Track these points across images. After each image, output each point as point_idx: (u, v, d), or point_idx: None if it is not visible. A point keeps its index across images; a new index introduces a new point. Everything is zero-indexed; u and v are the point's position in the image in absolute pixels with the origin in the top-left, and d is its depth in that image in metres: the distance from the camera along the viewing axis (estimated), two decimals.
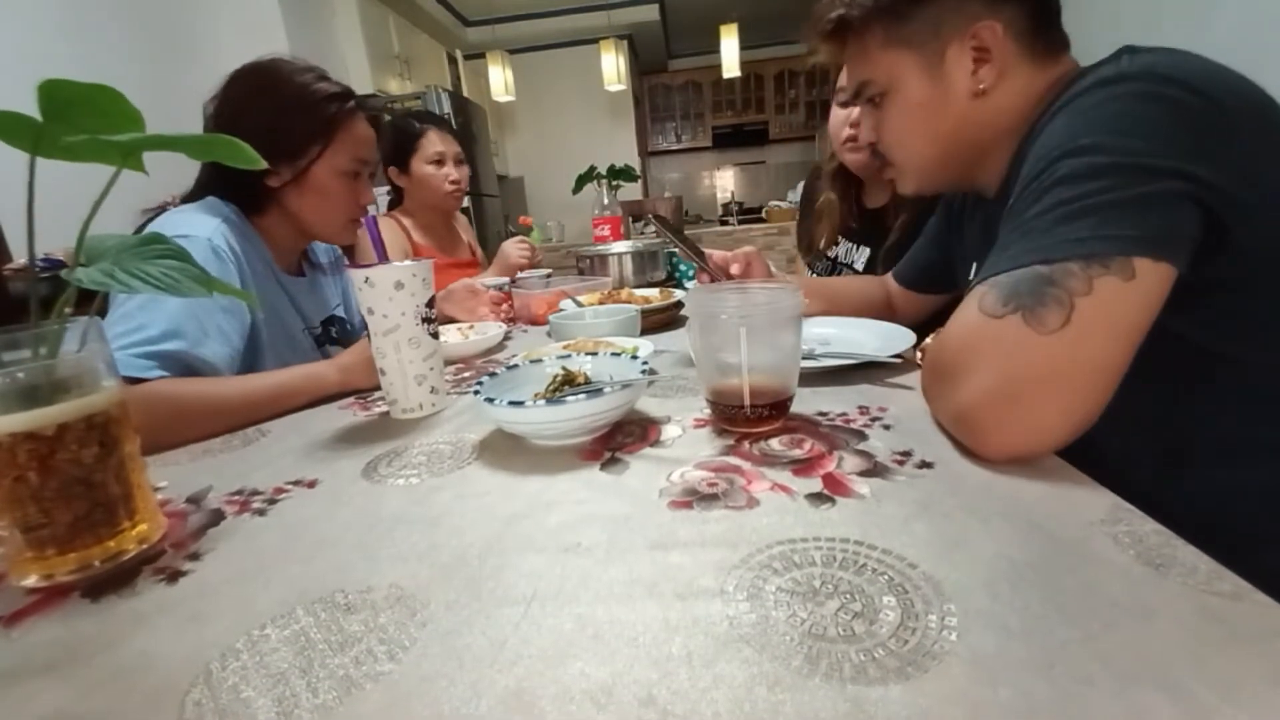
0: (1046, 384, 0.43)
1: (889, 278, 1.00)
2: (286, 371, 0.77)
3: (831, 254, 1.34)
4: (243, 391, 0.71)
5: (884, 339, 0.74)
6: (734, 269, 0.89)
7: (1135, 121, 0.45)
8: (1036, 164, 0.49)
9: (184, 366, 0.70)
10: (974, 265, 0.78)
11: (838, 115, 1.19)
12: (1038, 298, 0.43)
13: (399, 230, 1.58)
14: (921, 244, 0.94)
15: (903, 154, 0.67)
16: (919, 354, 0.78)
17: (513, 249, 1.52)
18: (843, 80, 1.16)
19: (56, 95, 0.34)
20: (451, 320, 1.21)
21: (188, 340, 0.70)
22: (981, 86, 0.59)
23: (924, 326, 0.86)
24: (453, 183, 1.59)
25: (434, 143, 1.57)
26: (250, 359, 0.83)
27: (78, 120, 0.36)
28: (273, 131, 0.84)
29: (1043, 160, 0.48)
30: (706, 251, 0.88)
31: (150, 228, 0.79)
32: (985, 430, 0.44)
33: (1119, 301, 0.42)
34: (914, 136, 0.65)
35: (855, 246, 1.29)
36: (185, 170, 0.91)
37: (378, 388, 0.75)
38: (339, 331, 1.05)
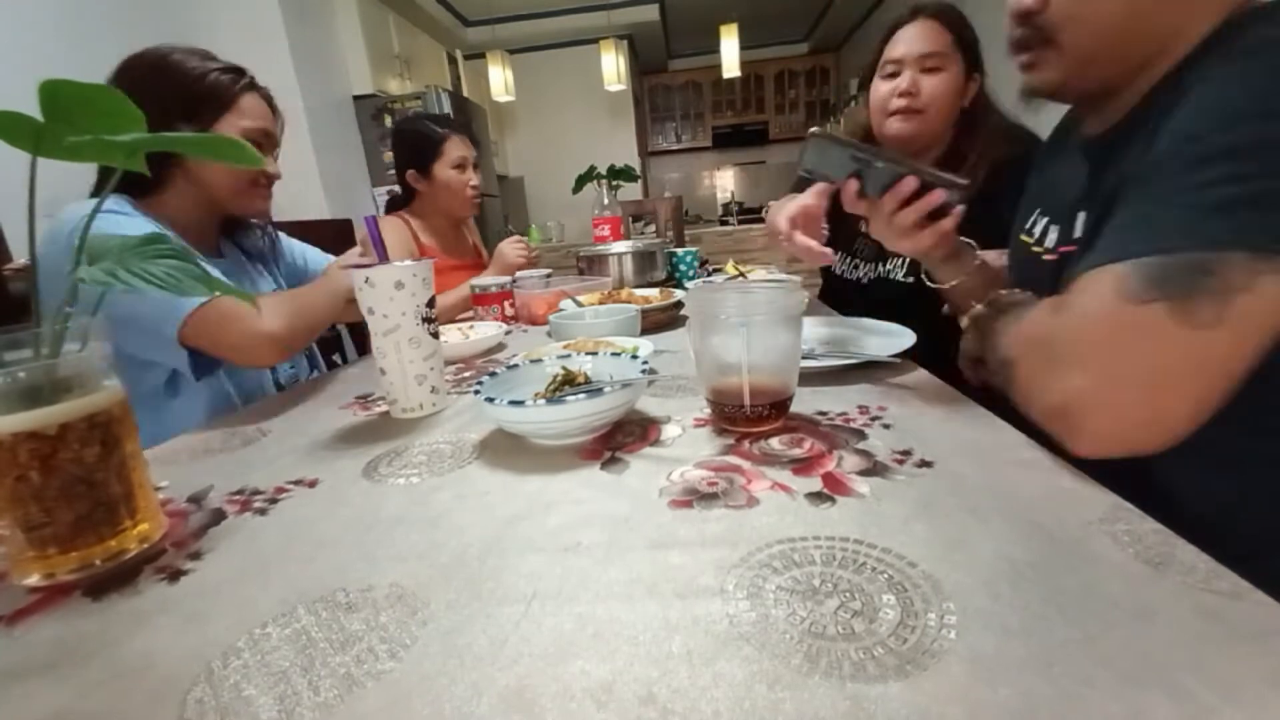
0: (1185, 382, 0.39)
1: None
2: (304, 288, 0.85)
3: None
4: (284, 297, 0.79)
5: (884, 339, 0.74)
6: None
7: None
8: (1205, 119, 0.42)
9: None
10: (1036, 211, 0.69)
11: (882, 88, 1.12)
12: (1191, 287, 0.39)
13: (405, 231, 1.58)
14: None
15: (1074, 30, 0.54)
16: (965, 321, 0.65)
17: (509, 249, 1.52)
18: (894, 51, 1.09)
19: (58, 95, 0.34)
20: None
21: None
22: None
23: (936, 322, 0.81)
24: (473, 188, 1.61)
25: (457, 148, 1.59)
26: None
27: (79, 120, 0.36)
28: (168, 105, 0.84)
29: (1203, 123, 0.42)
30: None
31: (55, 226, 0.76)
32: (1098, 421, 0.41)
33: (1275, 303, 0.38)
34: (1104, 4, 0.52)
35: None
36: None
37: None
38: None
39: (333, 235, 1.59)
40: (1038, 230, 0.67)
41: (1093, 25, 0.53)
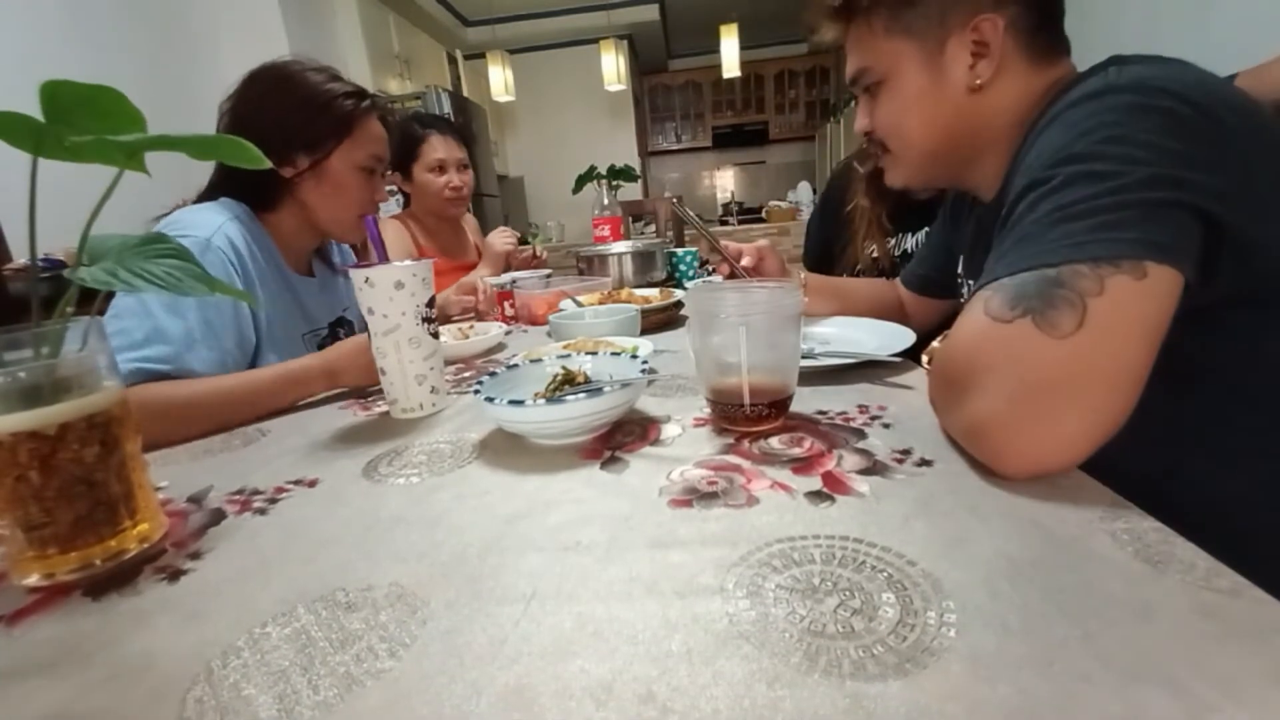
0: (1064, 391, 0.40)
1: (898, 282, 0.99)
2: (268, 369, 0.76)
3: (897, 251, 1.26)
4: (216, 392, 0.70)
5: (884, 338, 0.74)
6: (745, 261, 0.89)
7: (1130, 132, 0.44)
8: (1030, 174, 0.48)
9: (167, 372, 0.70)
10: (960, 259, 0.78)
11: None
12: (1047, 300, 0.41)
13: (405, 232, 1.58)
14: (927, 248, 0.93)
15: (896, 144, 0.67)
16: (925, 359, 0.78)
17: (496, 238, 1.53)
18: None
19: (59, 96, 0.34)
20: (449, 320, 1.23)
21: (172, 345, 0.71)
22: (978, 81, 0.59)
23: (934, 330, 0.86)
24: (453, 189, 1.58)
25: (435, 149, 1.56)
26: (251, 360, 0.83)
27: (80, 121, 0.36)
28: (290, 124, 0.86)
29: (1037, 170, 0.48)
30: (723, 242, 0.88)
31: (158, 227, 0.80)
32: (1003, 443, 0.41)
33: (1134, 301, 0.40)
34: (908, 127, 0.64)
35: (916, 232, 1.23)
36: (194, 172, 0.93)
37: (369, 387, 0.75)
38: (346, 334, 1.05)
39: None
40: (965, 289, 0.76)
41: (906, 137, 0.66)
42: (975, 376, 0.44)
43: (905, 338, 0.72)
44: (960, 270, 0.79)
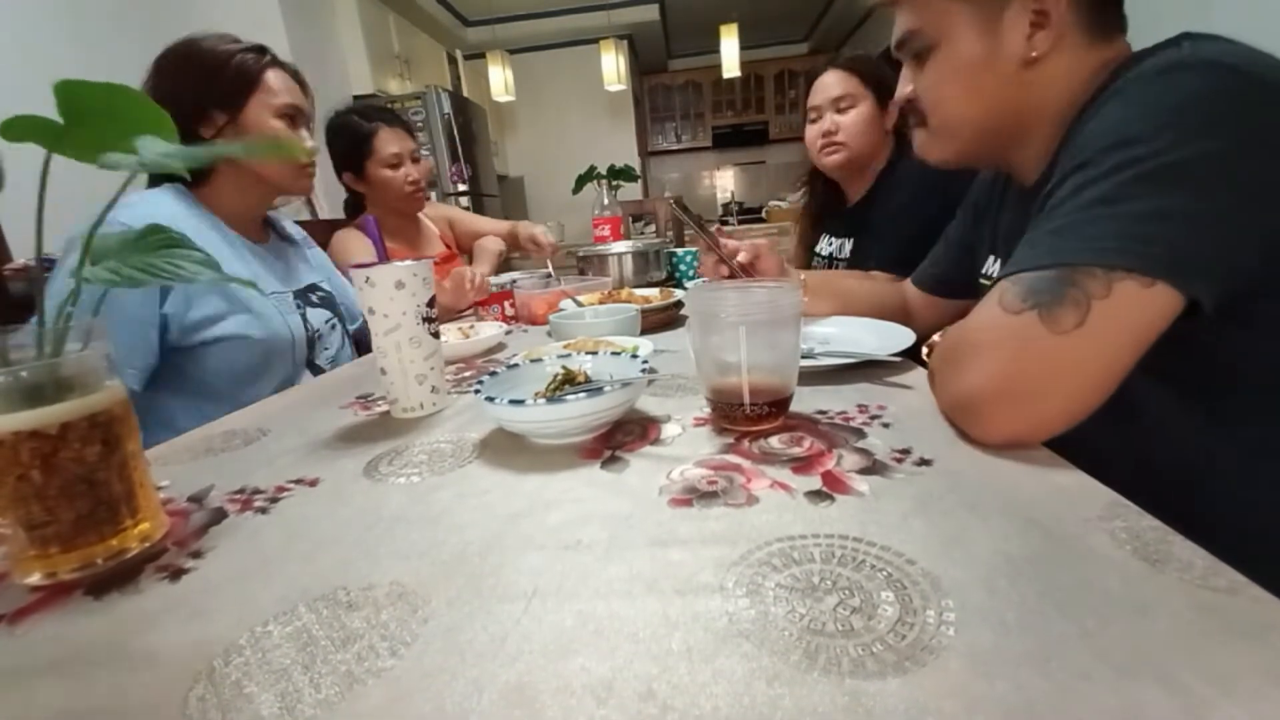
0: (1052, 381, 0.45)
1: (907, 283, 0.97)
2: None
3: (824, 252, 1.42)
4: None
5: (884, 338, 0.75)
6: (741, 256, 0.89)
7: (1189, 125, 0.44)
8: (1084, 149, 0.48)
9: None
10: (990, 257, 0.76)
11: (811, 130, 1.34)
12: (1056, 297, 0.44)
13: (367, 240, 1.56)
14: (942, 248, 0.91)
15: (941, 114, 0.64)
16: (926, 352, 0.78)
17: (490, 240, 1.53)
18: (813, 100, 1.31)
19: (76, 98, 0.34)
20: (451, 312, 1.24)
21: None
22: (1034, 54, 0.56)
23: (937, 331, 0.86)
24: (411, 183, 1.52)
25: (388, 143, 1.49)
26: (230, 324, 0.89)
27: (98, 122, 0.36)
28: (199, 87, 0.91)
29: (1092, 149, 0.47)
30: (720, 240, 0.89)
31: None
32: (986, 415, 0.46)
33: (1134, 308, 0.43)
34: (957, 96, 0.61)
35: (843, 242, 1.37)
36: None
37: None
38: (320, 298, 1.10)
39: (332, 235, 1.58)
40: (993, 273, 0.75)
41: (949, 109, 0.63)
42: (974, 355, 0.48)
43: (905, 337, 0.72)
44: (987, 266, 0.77)
